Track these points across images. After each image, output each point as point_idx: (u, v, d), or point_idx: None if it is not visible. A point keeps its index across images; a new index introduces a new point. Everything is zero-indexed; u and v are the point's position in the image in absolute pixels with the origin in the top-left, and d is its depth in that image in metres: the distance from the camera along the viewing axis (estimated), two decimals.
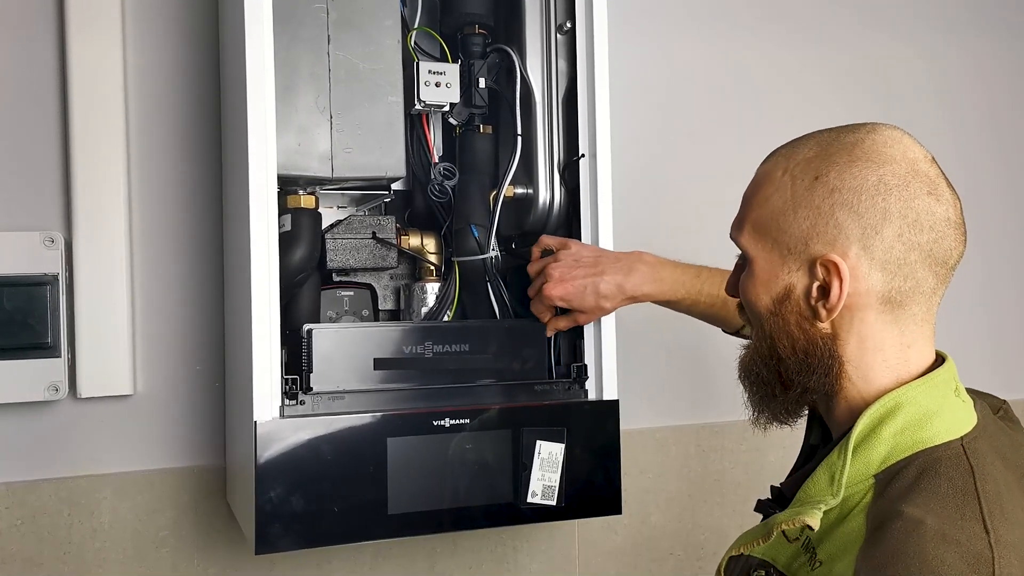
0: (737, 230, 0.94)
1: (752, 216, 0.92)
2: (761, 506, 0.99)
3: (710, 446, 1.84)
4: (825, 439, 1.00)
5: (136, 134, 1.48)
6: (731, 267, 1.02)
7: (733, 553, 0.93)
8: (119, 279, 1.44)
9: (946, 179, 0.87)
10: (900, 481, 0.82)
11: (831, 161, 0.87)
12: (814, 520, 0.82)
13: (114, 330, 1.43)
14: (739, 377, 0.97)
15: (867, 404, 0.87)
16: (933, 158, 0.88)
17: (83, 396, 1.42)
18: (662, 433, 1.80)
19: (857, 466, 0.85)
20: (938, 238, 0.85)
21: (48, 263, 1.38)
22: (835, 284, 0.85)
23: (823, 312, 0.87)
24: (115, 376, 1.43)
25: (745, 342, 0.99)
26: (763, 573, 0.90)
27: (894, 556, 0.76)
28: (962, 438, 0.85)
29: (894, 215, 0.84)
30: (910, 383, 0.87)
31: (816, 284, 0.87)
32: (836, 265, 0.85)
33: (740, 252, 0.96)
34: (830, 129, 0.91)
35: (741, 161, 1.89)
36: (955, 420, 0.87)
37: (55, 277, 1.38)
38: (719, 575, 0.97)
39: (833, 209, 0.85)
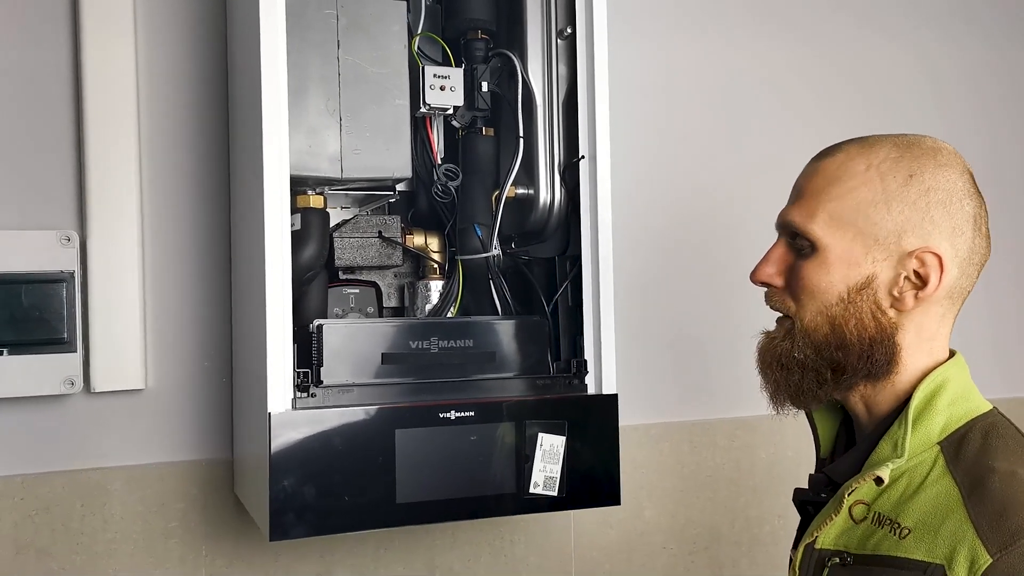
0: (807, 219, 0.95)
1: (829, 207, 0.94)
2: (803, 493, 1.03)
3: (702, 442, 1.87)
4: (849, 438, 1.04)
5: (148, 136, 1.52)
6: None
7: (808, 541, 0.97)
8: (131, 277, 1.47)
9: None
10: (970, 444, 0.91)
11: (921, 162, 0.93)
12: (884, 473, 0.90)
13: (126, 326, 1.47)
14: (766, 364, 0.99)
15: (908, 384, 0.95)
16: None
17: (96, 390, 1.45)
18: (656, 429, 1.84)
19: (919, 435, 0.93)
20: (987, 245, 0.96)
21: (64, 261, 1.42)
22: (934, 276, 0.91)
23: (910, 301, 0.93)
24: (127, 371, 1.47)
25: (761, 329, 1.02)
26: (838, 561, 0.93)
27: (1007, 505, 0.85)
28: (994, 407, 0.96)
29: (971, 219, 0.93)
30: (947, 362, 0.96)
31: (903, 275, 0.92)
32: (939, 258, 0.91)
33: (793, 242, 0.97)
34: (894, 134, 0.96)
35: (738, 162, 1.95)
36: (980, 395, 0.97)
37: (71, 274, 1.42)
38: (793, 571, 1.00)
39: (929, 207, 0.92)
